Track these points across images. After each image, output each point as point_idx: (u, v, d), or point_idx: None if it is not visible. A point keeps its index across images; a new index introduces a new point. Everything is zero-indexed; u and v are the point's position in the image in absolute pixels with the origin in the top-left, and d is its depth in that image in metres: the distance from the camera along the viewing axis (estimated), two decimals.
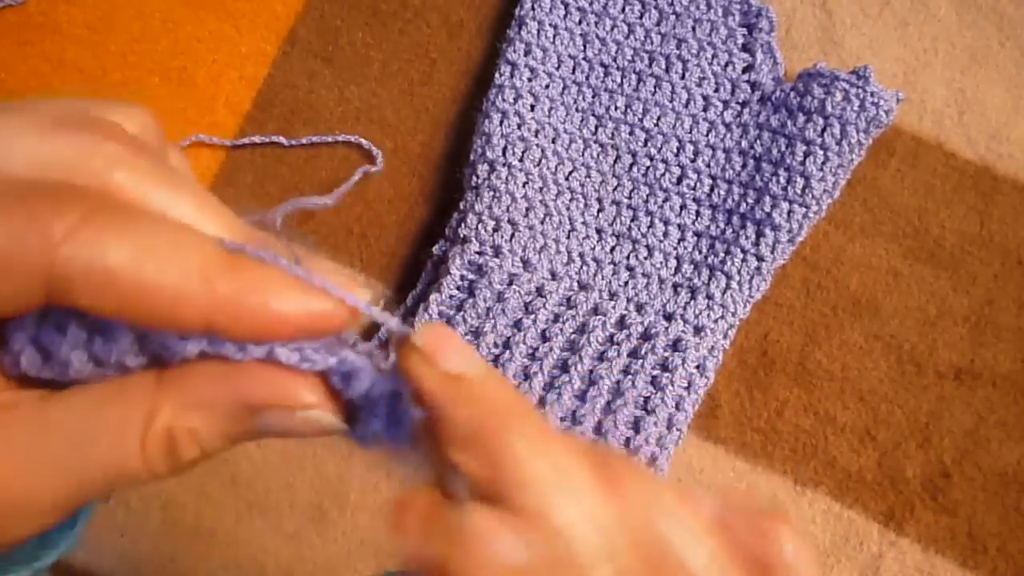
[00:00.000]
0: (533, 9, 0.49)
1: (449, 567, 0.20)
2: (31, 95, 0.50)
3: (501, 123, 0.48)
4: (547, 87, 0.49)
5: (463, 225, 0.46)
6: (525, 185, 0.47)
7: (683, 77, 0.48)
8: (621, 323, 0.45)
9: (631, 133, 0.48)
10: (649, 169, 0.47)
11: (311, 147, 0.50)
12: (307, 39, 0.51)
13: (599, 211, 0.47)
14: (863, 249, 0.48)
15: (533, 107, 0.48)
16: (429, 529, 0.20)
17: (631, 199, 0.47)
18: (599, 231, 0.47)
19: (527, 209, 0.46)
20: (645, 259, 0.46)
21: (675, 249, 0.46)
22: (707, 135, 0.48)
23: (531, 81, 0.49)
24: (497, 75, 0.49)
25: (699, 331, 0.44)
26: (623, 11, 0.50)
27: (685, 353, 0.44)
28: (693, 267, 0.46)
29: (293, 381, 0.21)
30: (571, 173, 0.48)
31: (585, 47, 0.49)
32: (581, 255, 0.46)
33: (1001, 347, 0.47)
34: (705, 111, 0.48)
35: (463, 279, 0.45)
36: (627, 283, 0.46)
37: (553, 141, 0.48)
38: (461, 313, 0.44)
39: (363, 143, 0.49)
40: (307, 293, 0.20)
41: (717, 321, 0.45)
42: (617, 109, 0.48)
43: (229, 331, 0.20)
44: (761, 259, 0.45)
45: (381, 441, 0.22)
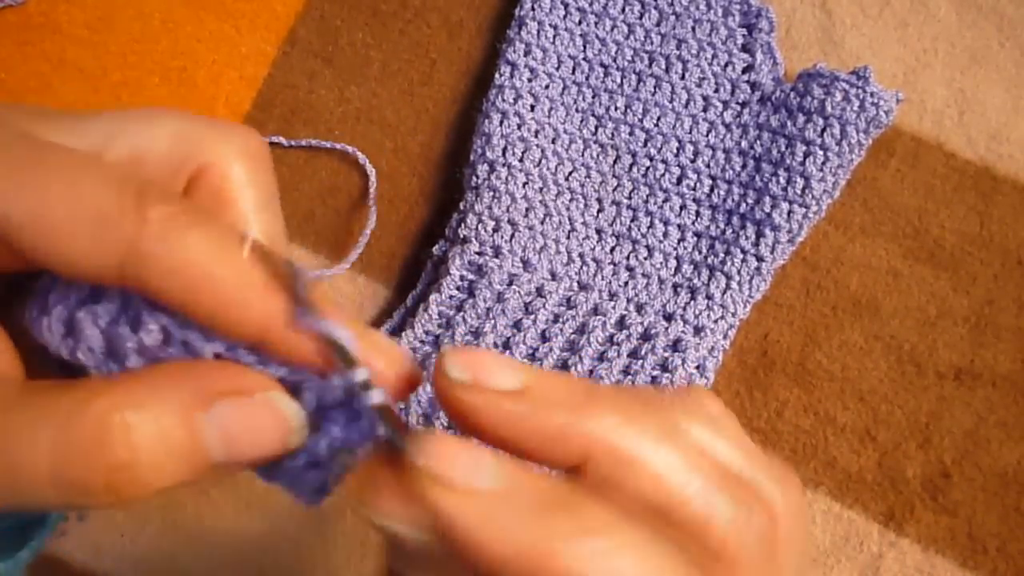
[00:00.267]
0: (533, 9, 0.49)
1: None
2: (31, 95, 0.50)
3: (501, 123, 0.47)
4: (547, 87, 0.49)
5: (463, 225, 0.46)
6: (525, 185, 0.47)
7: (683, 77, 0.48)
8: (621, 323, 0.45)
9: (631, 133, 0.48)
10: (649, 169, 0.47)
11: (311, 148, 0.50)
12: (307, 39, 0.51)
13: (599, 211, 0.47)
14: (863, 249, 0.48)
15: (533, 107, 0.48)
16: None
17: (631, 199, 0.47)
18: (599, 231, 0.47)
19: (527, 209, 0.46)
20: (645, 259, 0.46)
21: (675, 249, 0.46)
22: (707, 135, 0.48)
23: (531, 81, 0.49)
24: (497, 75, 0.49)
25: (699, 331, 0.44)
26: (623, 11, 0.50)
27: (685, 353, 0.44)
28: (693, 267, 0.46)
29: (254, 374, 0.22)
30: (571, 173, 0.48)
31: (585, 47, 0.49)
32: (581, 255, 0.46)
33: (1001, 347, 0.47)
34: (705, 111, 0.48)
35: (463, 279, 0.45)
36: (627, 283, 0.46)
37: (553, 141, 0.48)
38: (461, 313, 0.44)
39: (359, 156, 0.49)
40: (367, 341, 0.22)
41: (717, 321, 0.45)
42: (617, 109, 0.48)
43: (278, 347, 0.21)
44: (761, 259, 0.45)
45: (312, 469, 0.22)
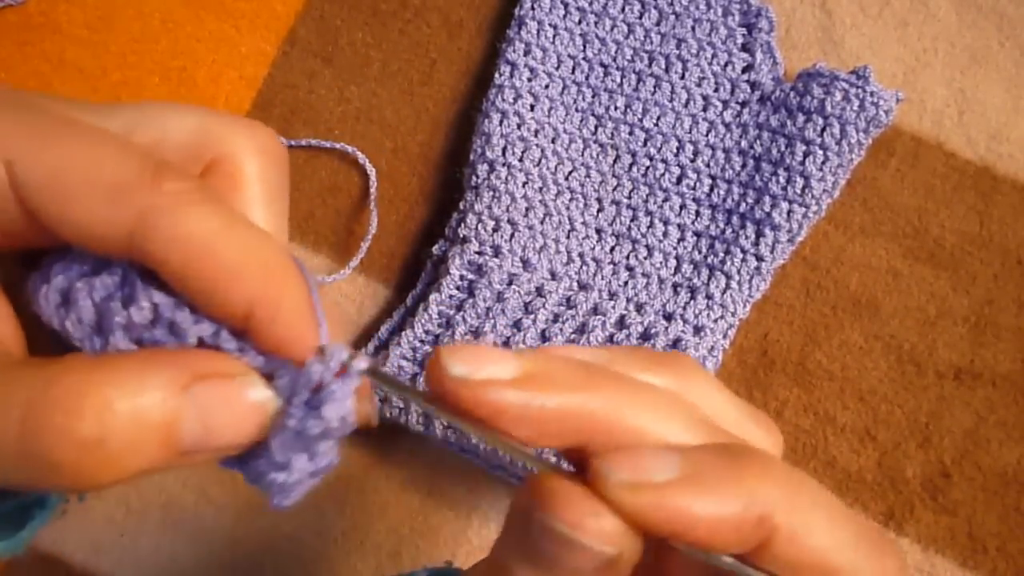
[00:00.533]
0: (533, 9, 0.49)
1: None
2: None
3: (501, 123, 0.47)
4: (547, 87, 0.49)
5: (463, 225, 0.46)
6: (525, 185, 0.47)
7: (683, 77, 0.48)
8: (621, 323, 0.45)
9: (631, 133, 0.48)
10: (649, 169, 0.47)
11: (311, 148, 0.50)
12: (307, 39, 0.51)
13: (599, 211, 0.47)
14: (863, 249, 0.48)
15: (533, 107, 0.48)
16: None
17: (631, 199, 0.47)
18: (599, 231, 0.47)
19: (527, 209, 0.46)
20: (645, 259, 0.46)
21: (675, 249, 0.46)
22: (707, 135, 0.48)
23: (531, 81, 0.49)
24: (497, 75, 0.49)
25: (699, 331, 0.44)
26: (623, 11, 0.50)
27: (685, 353, 0.44)
28: (693, 267, 0.46)
29: (233, 360, 0.22)
30: (571, 173, 0.48)
31: (585, 47, 0.49)
32: (581, 255, 0.46)
33: (1001, 347, 0.47)
34: (705, 111, 0.48)
35: (463, 279, 0.45)
36: (627, 283, 0.46)
37: (553, 141, 0.48)
38: (461, 313, 0.44)
39: (359, 156, 0.49)
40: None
41: (717, 321, 0.45)
42: (617, 109, 0.48)
43: (263, 328, 0.22)
44: (761, 259, 0.45)
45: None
